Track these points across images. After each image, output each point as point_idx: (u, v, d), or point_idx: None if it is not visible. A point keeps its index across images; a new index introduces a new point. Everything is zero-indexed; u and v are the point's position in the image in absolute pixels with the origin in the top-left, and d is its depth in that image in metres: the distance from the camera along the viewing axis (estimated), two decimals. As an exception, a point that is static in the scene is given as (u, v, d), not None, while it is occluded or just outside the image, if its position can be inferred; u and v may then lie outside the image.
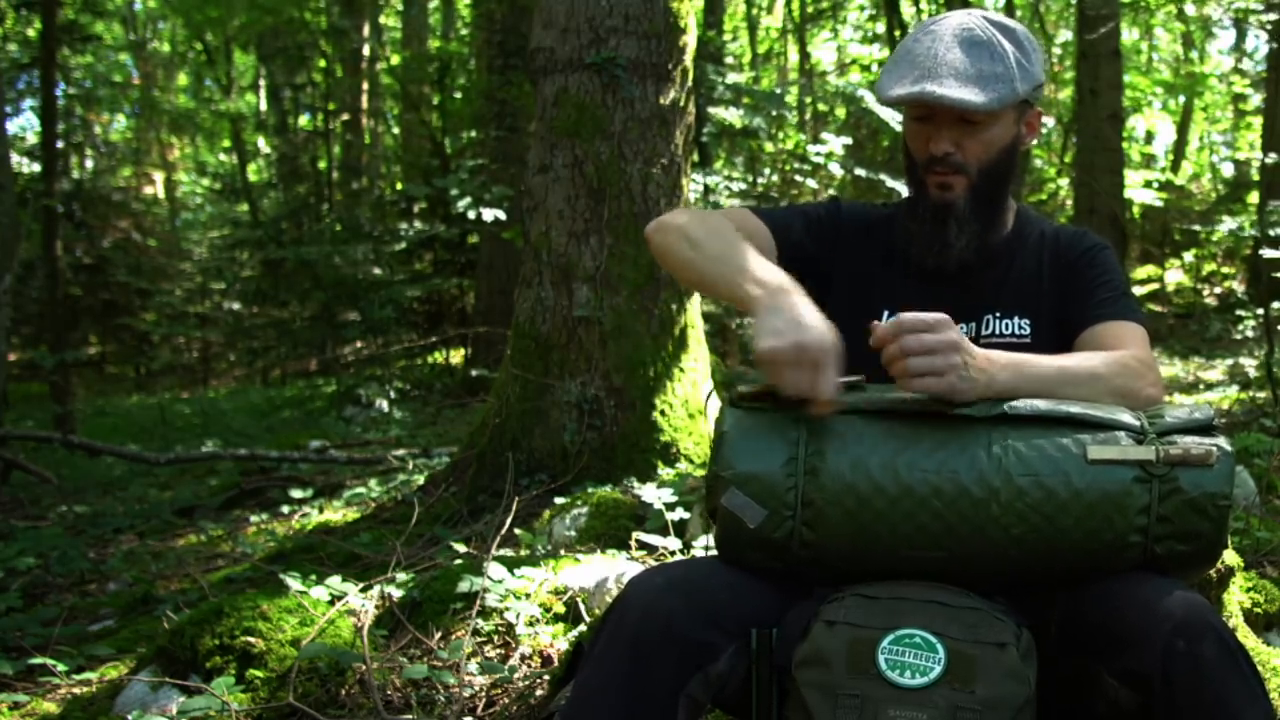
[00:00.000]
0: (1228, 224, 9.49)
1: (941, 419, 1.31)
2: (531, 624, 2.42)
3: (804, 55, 16.41)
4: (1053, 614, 1.33)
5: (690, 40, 4.04)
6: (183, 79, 21.87)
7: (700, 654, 1.27)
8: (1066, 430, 1.29)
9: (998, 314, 1.59)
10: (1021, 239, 1.64)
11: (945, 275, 1.59)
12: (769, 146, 10.61)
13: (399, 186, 15.11)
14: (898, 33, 13.40)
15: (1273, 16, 8.35)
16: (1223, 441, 1.29)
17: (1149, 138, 18.58)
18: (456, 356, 11.36)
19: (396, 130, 18.15)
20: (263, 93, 19.57)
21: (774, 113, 8.07)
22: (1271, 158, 7.71)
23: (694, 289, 1.65)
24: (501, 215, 7.93)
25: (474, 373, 9.42)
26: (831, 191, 10.40)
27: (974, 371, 1.30)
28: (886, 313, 1.58)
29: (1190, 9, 11.17)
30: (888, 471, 1.28)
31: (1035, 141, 1.65)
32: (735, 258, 1.45)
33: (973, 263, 1.58)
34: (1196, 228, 10.14)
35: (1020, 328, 1.57)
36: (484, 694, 2.23)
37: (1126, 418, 1.31)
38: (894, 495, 1.28)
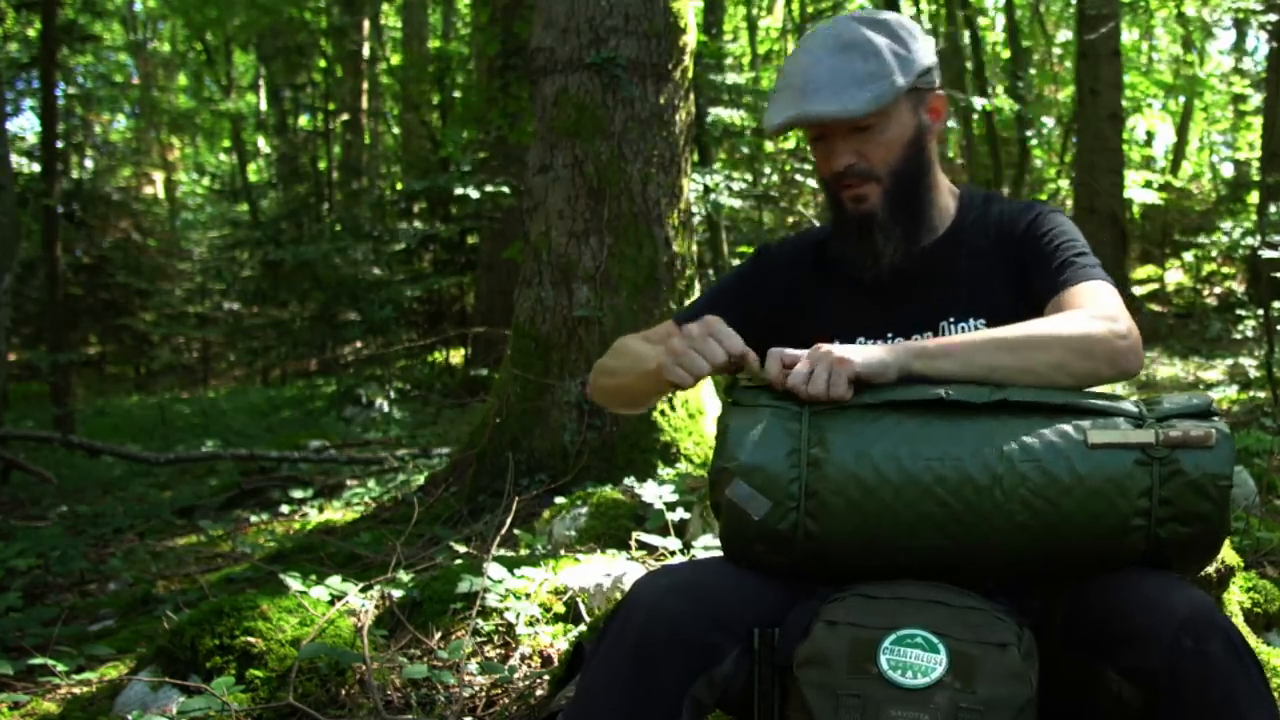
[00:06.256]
0: (1227, 228, 9.50)
1: (943, 409, 1.31)
2: (531, 624, 2.42)
3: (804, 55, 16.38)
4: (1056, 612, 1.33)
5: (690, 40, 4.04)
6: (183, 79, 21.88)
7: (705, 656, 1.27)
8: (1067, 417, 1.30)
9: (953, 319, 1.54)
10: (965, 229, 1.59)
11: (892, 288, 1.55)
12: (769, 146, 10.61)
13: (399, 186, 15.11)
14: (898, 33, 13.35)
15: (1273, 17, 8.35)
16: (1222, 424, 1.29)
17: (1149, 138, 18.58)
18: (456, 356, 11.37)
19: (396, 130, 18.16)
20: (263, 93, 19.58)
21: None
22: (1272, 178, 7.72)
23: (640, 403, 1.65)
24: (505, 190, 7.94)
25: (474, 373, 9.42)
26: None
27: (878, 352, 1.34)
28: (837, 340, 1.47)
29: (1190, 10, 11.18)
30: (890, 461, 1.29)
31: (944, 125, 1.58)
32: (641, 354, 1.55)
33: (915, 269, 1.54)
34: (1201, 240, 10.14)
35: (977, 328, 1.53)
36: (484, 694, 2.23)
37: (1125, 404, 1.32)
38: (897, 484, 1.28)
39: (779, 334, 1.51)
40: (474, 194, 8.05)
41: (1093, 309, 1.41)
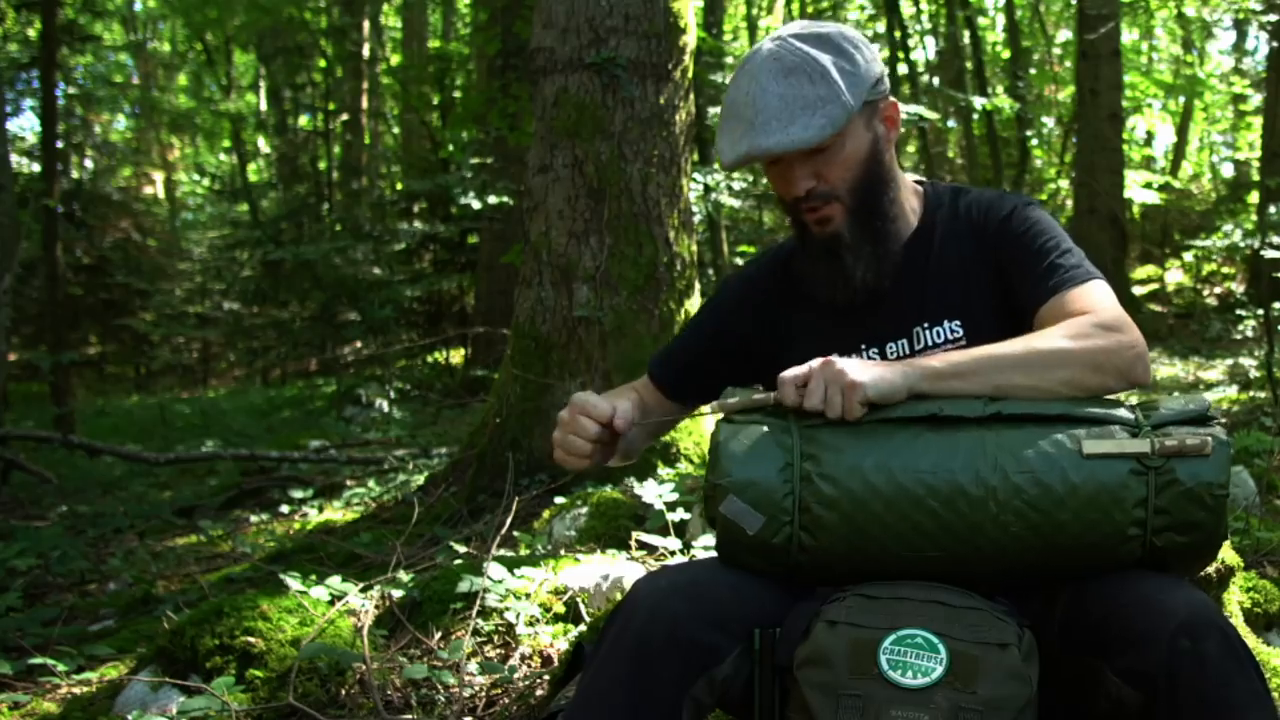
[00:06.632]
0: (1227, 228, 9.49)
1: (936, 422, 1.31)
2: (531, 624, 2.42)
3: (804, 55, 16.36)
4: (1055, 613, 1.33)
5: (690, 40, 4.04)
6: (183, 79, 21.88)
7: (705, 657, 1.27)
8: (1061, 426, 1.29)
9: (926, 324, 1.52)
10: (933, 227, 1.56)
11: (863, 300, 1.53)
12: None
13: (399, 186, 15.11)
14: (897, 33, 13.39)
15: (1273, 17, 8.35)
16: (1218, 431, 1.28)
17: (1149, 138, 18.59)
18: (456, 356, 11.37)
19: (396, 130, 18.16)
20: (263, 93, 19.59)
21: None
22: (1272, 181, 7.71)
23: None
24: (507, 200, 7.95)
25: (474, 373, 9.42)
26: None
27: (890, 375, 1.31)
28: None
29: (1190, 10, 11.17)
30: (883, 474, 1.28)
31: (899, 130, 1.54)
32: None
33: (884, 284, 1.52)
34: (1201, 240, 10.13)
35: (952, 331, 1.51)
36: (484, 694, 2.23)
37: (1121, 412, 1.31)
38: (890, 497, 1.28)
39: (757, 361, 1.53)
40: (475, 204, 8.06)
41: (1096, 317, 1.38)
